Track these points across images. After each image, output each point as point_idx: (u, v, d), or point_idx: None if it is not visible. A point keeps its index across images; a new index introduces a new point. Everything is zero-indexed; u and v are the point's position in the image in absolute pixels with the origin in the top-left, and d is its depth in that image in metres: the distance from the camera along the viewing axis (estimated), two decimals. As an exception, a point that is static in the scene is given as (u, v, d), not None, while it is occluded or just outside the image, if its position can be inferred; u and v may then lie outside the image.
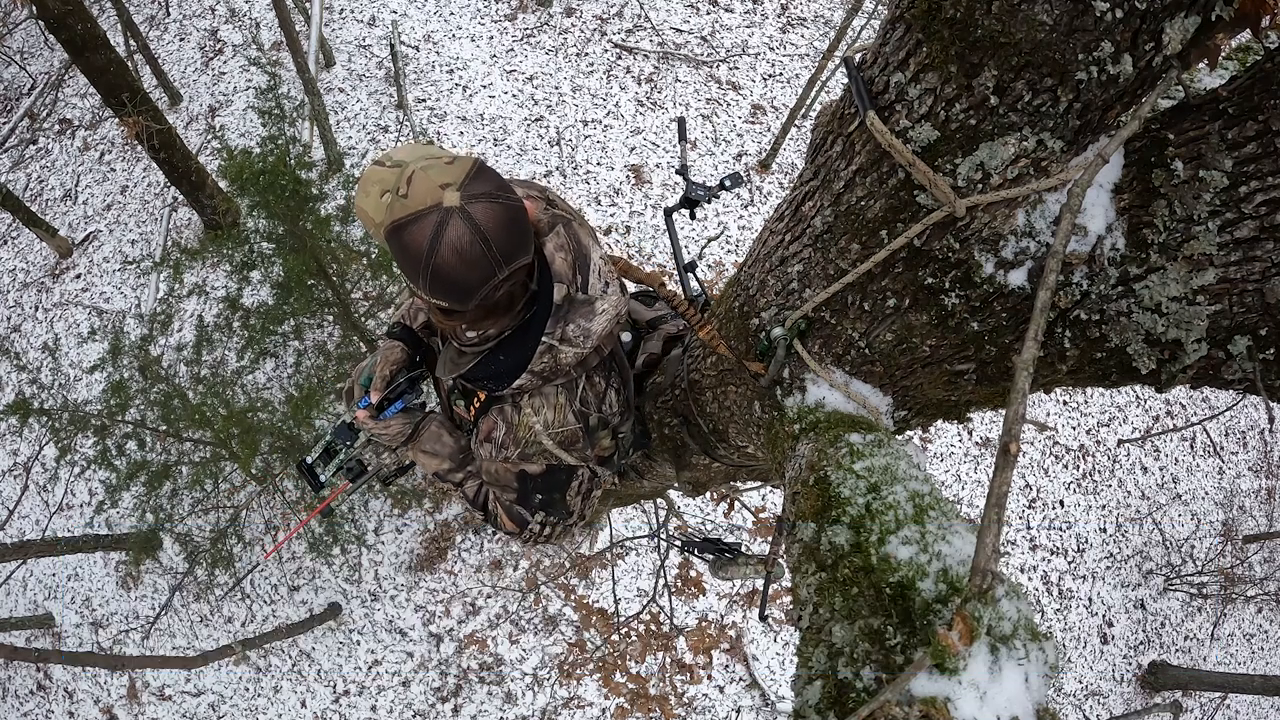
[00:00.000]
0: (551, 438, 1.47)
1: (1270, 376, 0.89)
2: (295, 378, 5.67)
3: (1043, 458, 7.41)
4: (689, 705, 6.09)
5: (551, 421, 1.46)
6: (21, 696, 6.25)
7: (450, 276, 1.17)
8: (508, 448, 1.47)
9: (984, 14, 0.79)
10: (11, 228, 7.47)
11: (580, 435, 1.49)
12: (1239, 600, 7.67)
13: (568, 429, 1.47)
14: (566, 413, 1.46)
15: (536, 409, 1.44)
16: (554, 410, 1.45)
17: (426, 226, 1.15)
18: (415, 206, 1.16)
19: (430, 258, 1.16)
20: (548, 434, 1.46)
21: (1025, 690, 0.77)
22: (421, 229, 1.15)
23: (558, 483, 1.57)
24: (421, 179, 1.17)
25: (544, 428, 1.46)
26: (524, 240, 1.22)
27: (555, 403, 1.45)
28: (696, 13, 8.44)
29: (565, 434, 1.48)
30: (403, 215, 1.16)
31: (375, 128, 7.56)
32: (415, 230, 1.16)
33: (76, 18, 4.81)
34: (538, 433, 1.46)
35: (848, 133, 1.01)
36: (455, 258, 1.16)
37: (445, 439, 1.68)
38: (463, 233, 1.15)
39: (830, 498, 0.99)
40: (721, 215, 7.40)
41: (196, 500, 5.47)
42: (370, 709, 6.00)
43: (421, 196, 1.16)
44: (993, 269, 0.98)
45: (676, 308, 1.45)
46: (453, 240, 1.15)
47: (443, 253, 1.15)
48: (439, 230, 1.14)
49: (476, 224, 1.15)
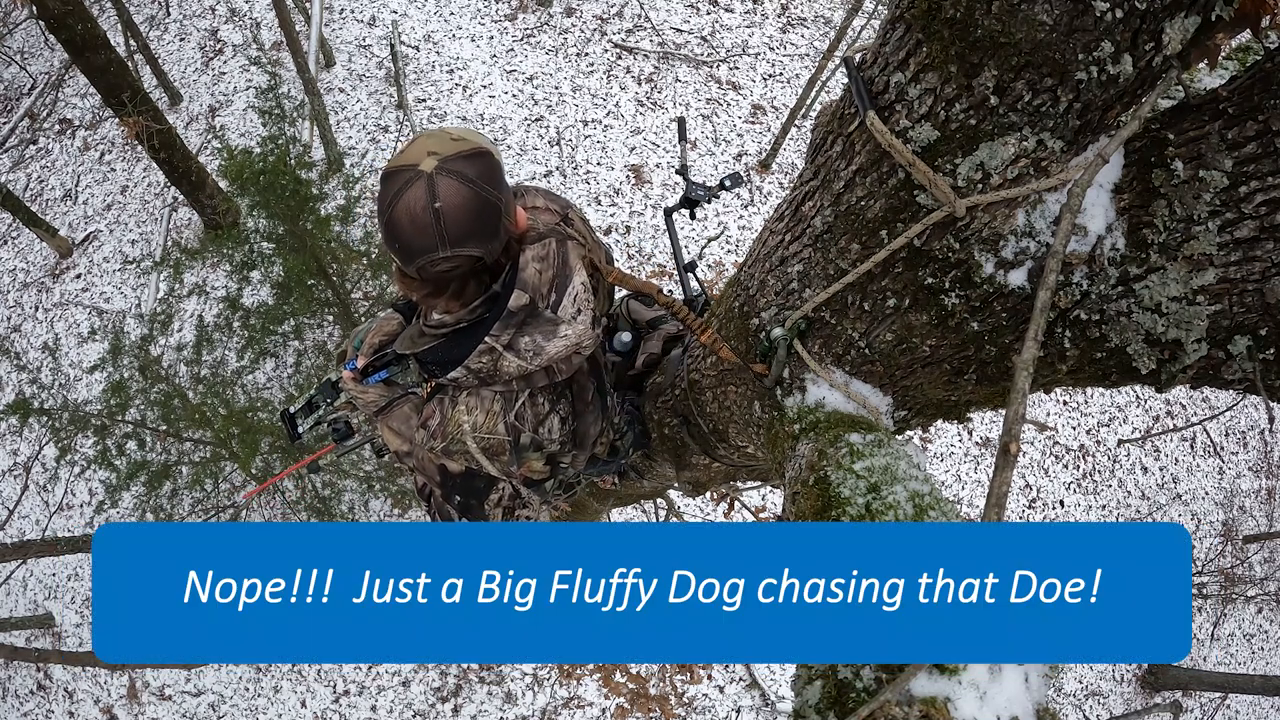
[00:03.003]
0: (476, 441, 1.47)
1: (1270, 376, 0.89)
2: (295, 378, 5.67)
3: (1043, 458, 7.41)
4: (689, 705, 6.09)
5: (480, 425, 1.46)
6: (21, 696, 6.25)
7: (393, 231, 1.25)
8: (436, 438, 1.49)
9: (984, 14, 0.79)
10: (11, 228, 7.47)
11: (507, 448, 1.49)
12: (1239, 600, 7.67)
13: (494, 438, 1.47)
14: (498, 421, 1.46)
15: (469, 409, 1.45)
16: (486, 415, 1.46)
17: (397, 181, 1.24)
18: (400, 161, 1.26)
19: (388, 209, 1.25)
20: (473, 436, 1.47)
21: (1025, 690, 0.78)
22: (393, 181, 1.25)
23: (474, 489, 1.58)
24: (421, 142, 1.27)
25: (471, 429, 1.46)
26: (481, 231, 1.26)
27: (489, 409, 1.46)
28: (696, 13, 8.44)
29: (491, 442, 1.48)
30: (390, 165, 1.27)
31: (375, 128, 7.56)
32: (389, 180, 1.27)
33: (76, 18, 4.81)
34: (464, 431, 1.46)
35: (848, 133, 1.01)
36: (405, 216, 1.24)
37: (414, 422, 1.67)
38: (419, 197, 1.23)
39: (830, 498, 0.99)
40: (721, 215, 7.39)
41: (196, 500, 5.47)
42: (370, 709, 6.00)
43: (410, 155, 1.25)
44: (993, 269, 0.98)
45: (676, 315, 1.45)
46: (408, 201, 1.23)
47: (397, 208, 1.24)
48: (403, 188, 1.23)
49: (435, 194, 1.22)
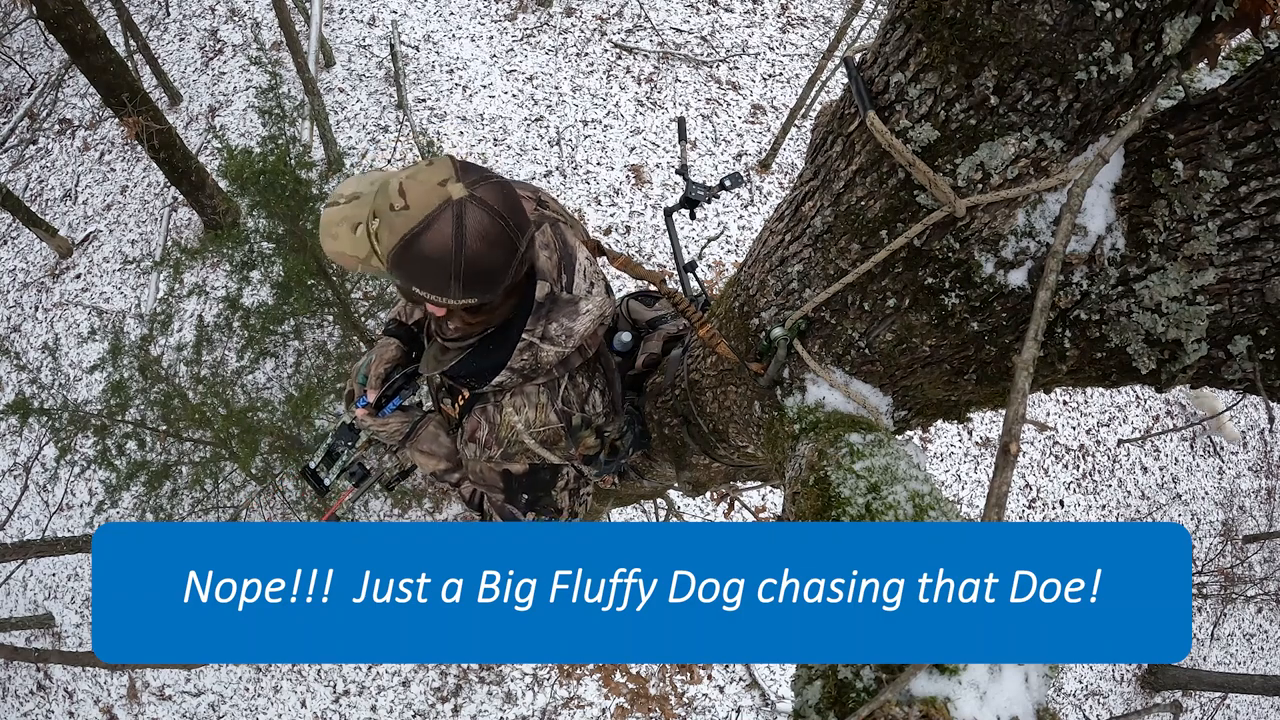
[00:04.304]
0: (533, 437, 1.47)
1: (1270, 376, 0.89)
2: (295, 378, 5.67)
3: (1043, 458, 7.41)
4: (689, 705, 6.09)
5: (533, 421, 1.45)
6: (21, 696, 6.25)
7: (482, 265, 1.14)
8: (491, 447, 1.47)
9: (984, 14, 0.79)
10: (11, 228, 7.46)
11: (562, 434, 1.49)
12: (1239, 600, 7.66)
13: (550, 428, 1.47)
14: (549, 412, 1.46)
15: (518, 408, 1.44)
16: (536, 409, 1.45)
17: (445, 224, 1.11)
18: (424, 211, 1.12)
19: (460, 253, 1.12)
20: (529, 433, 1.46)
21: (1025, 690, 0.78)
22: (440, 229, 1.12)
23: (542, 482, 1.57)
24: (416, 186, 1.13)
25: (525, 427, 1.45)
26: (525, 213, 1.22)
27: (537, 402, 1.45)
28: (696, 13, 8.43)
29: (547, 433, 1.48)
30: (413, 226, 1.12)
31: (375, 128, 7.56)
32: (432, 234, 1.12)
33: (76, 18, 4.81)
34: (519, 432, 1.45)
35: (848, 133, 1.01)
36: (483, 244, 1.13)
37: (443, 439, 1.67)
38: (481, 217, 1.13)
39: (830, 498, 0.99)
40: (721, 215, 7.39)
41: (196, 500, 5.47)
42: (370, 709, 6.00)
43: (426, 199, 1.12)
44: (993, 269, 0.98)
45: (677, 305, 1.45)
46: (475, 227, 1.12)
47: (470, 244, 1.12)
48: (460, 222, 1.12)
49: (490, 205, 1.14)
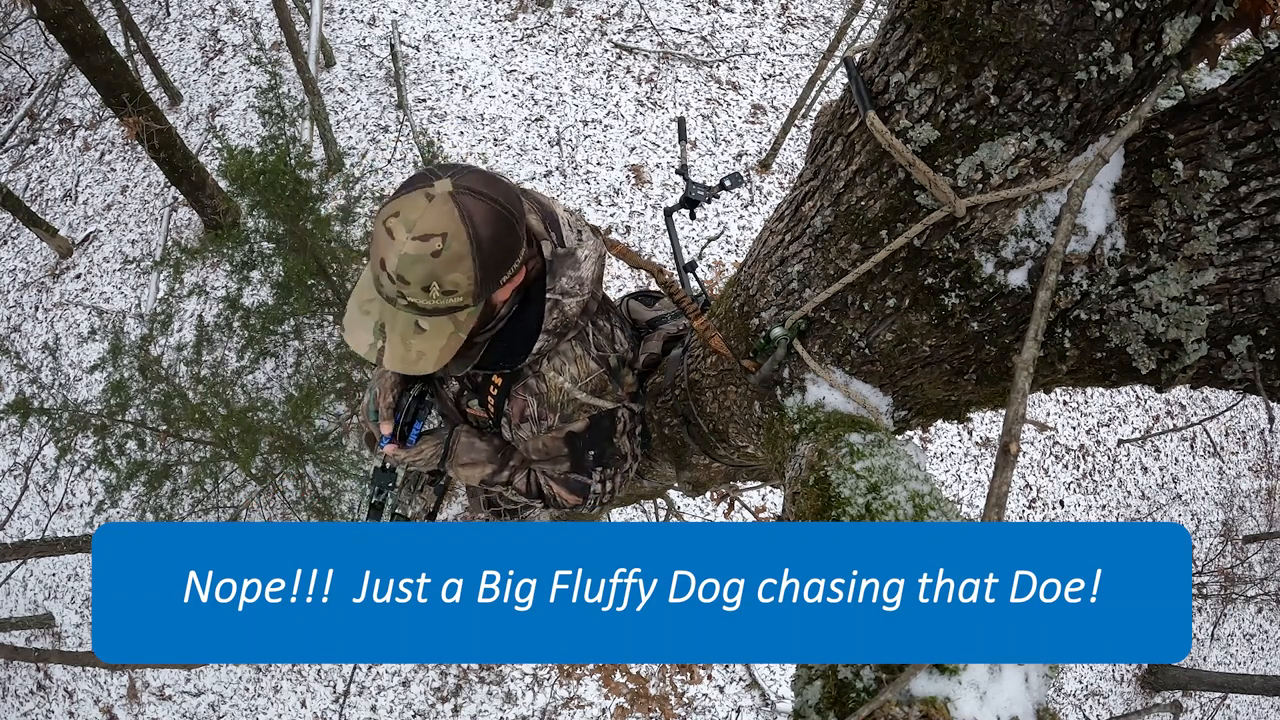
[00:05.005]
0: (583, 389, 1.50)
1: (1270, 376, 0.89)
2: (295, 378, 5.67)
3: (1043, 458, 7.41)
4: (689, 705, 6.09)
5: (578, 375, 1.49)
6: (21, 696, 6.25)
7: (498, 241, 1.19)
8: (547, 418, 1.50)
9: (984, 14, 0.79)
10: (11, 228, 7.46)
11: (607, 379, 1.53)
12: (1239, 600, 7.66)
13: (594, 375, 1.51)
14: (587, 362, 1.50)
15: (559, 369, 1.47)
16: (575, 363, 1.49)
17: (455, 221, 1.15)
18: (432, 223, 1.14)
19: (474, 239, 1.16)
20: (578, 388, 1.49)
21: (1025, 690, 0.78)
22: (458, 232, 1.15)
23: (604, 430, 1.58)
24: (407, 220, 1.14)
25: (573, 383, 1.49)
26: (515, 197, 1.26)
27: (574, 355, 1.49)
28: (696, 13, 8.43)
29: (594, 381, 1.51)
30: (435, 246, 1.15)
31: (375, 128, 7.55)
32: (459, 234, 1.15)
33: (76, 18, 4.80)
34: (569, 390, 1.48)
35: (848, 133, 1.01)
36: (492, 225, 1.17)
37: (479, 445, 1.68)
38: (476, 203, 1.16)
39: (830, 498, 0.99)
40: (721, 215, 7.39)
41: (196, 500, 5.46)
42: (370, 709, 6.00)
43: (432, 217, 1.14)
44: (993, 269, 0.98)
45: (673, 295, 1.48)
46: (475, 212, 1.16)
47: (478, 229, 1.16)
48: (463, 211, 1.15)
49: (476, 189, 1.17)
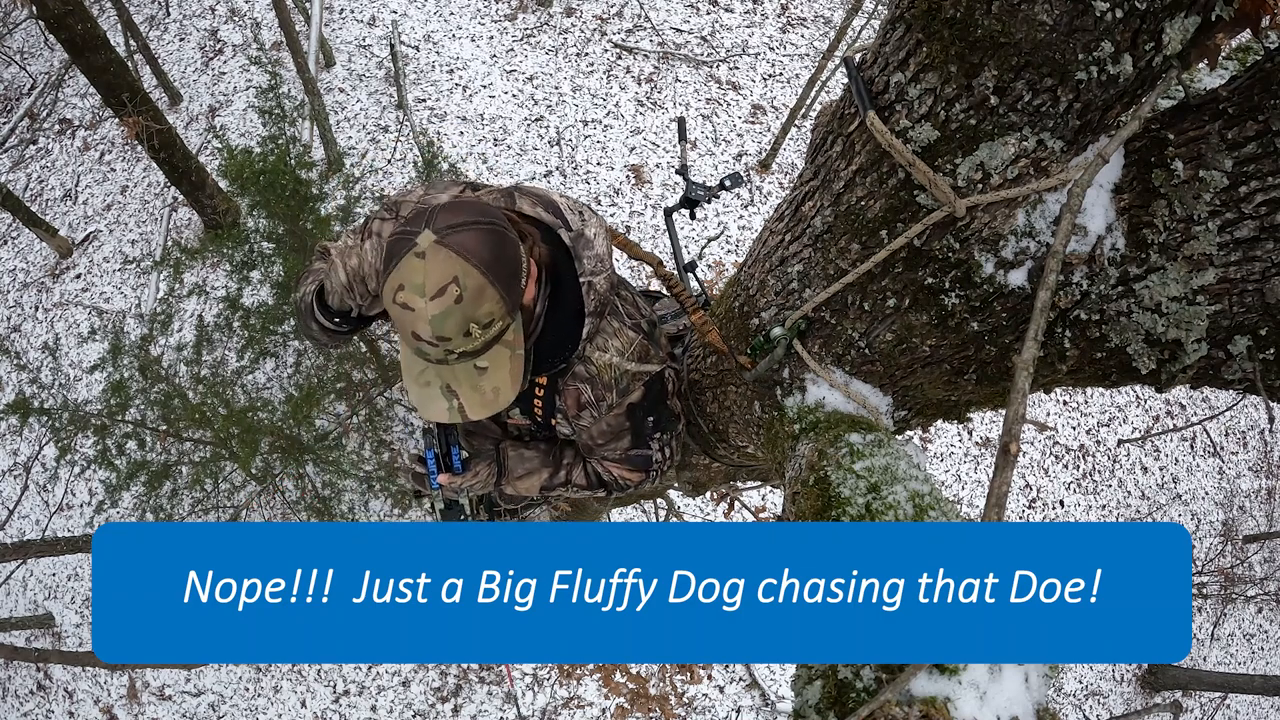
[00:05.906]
0: (631, 359, 1.53)
1: (1270, 376, 0.89)
2: (295, 378, 5.67)
3: (1043, 458, 7.41)
4: (689, 705, 6.09)
5: (622, 347, 1.52)
6: (21, 696, 6.24)
7: (501, 254, 1.21)
8: (605, 397, 1.52)
9: (984, 14, 0.79)
10: (11, 228, 7.46)
11: (647, 343, 1.56)
12: (1239, 600, 7.66)
13: (636, 343, 1.54)
14: (626, 332, 1.53)
15: (603, 346, 1.51)
16: (617, 337, 1.52)
17: (456, 261, 1.17)
18: (438, 275, 1.17)
19: (481, 266, 1.19)
20: (626, 359, 1.52)
21: (1025, 690, 0.78)
22: (464, 269, 1.18)
23: (658, 394, 1.61)
24: (415, 286, 1.17)
25: (620, 356, 1.52)
26: (487, 207, 1.28)
27: (613, 329, 1.52)
28: (696, 13, 8.43)
29: (637, 349, 1.54)
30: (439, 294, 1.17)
31: (375, 128, 7.55)
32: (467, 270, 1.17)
33: (76, 18, 4.80)
34: (619, 364, 1.52)
35: (848, 133, 1.01)
36: (488, 245, 1.20)
37: (527, 454, 1.69)
38: (462, 236, 1.18)
39: (830, 498, 0.99)
40: (721, 215, 7.39)
41: (196, 500, 5.46)
42: (370, 709, 6.00)
43: (435, 270, 1.16)
44: (993, 269, 0.98)
45: (672, 289, 1.50)
46: (467, 243, 1.18)
47: (480, 256, 1.18)
48: (457, 250, 1.17)
49: (454, 224, 1.19)
